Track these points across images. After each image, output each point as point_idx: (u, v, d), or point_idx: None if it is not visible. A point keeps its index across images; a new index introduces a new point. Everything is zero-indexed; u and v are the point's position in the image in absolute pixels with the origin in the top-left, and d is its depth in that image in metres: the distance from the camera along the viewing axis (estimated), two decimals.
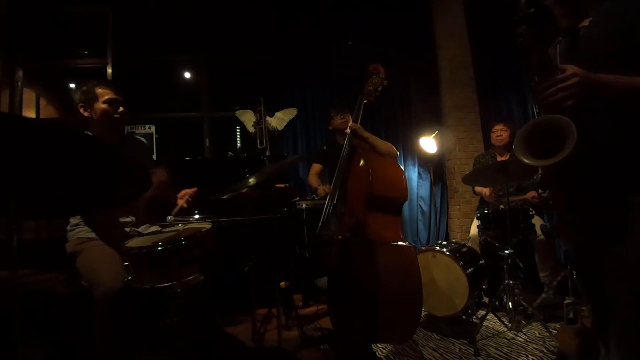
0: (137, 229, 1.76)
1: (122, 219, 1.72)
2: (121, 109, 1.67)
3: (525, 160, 1.00)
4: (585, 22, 1.06)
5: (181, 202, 1.73)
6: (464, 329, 2.22)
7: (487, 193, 2.75)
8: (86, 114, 1.64)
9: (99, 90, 1.63)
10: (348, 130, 2.07)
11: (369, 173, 1.84)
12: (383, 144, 2.13)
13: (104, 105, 1.63)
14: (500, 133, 2.80)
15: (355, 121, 2.05)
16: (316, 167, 2.76)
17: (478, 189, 2.88)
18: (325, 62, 3.92)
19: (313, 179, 2.72)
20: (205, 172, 3.09)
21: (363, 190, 1.85)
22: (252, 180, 1.67)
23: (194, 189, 1.80)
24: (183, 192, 1.80)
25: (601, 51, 0.99)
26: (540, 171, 1.42)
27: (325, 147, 2.80)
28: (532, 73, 1.01)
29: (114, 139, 1.73)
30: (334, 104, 2.70)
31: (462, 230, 3.54)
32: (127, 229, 1.70)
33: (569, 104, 0.92)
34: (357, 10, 3.93)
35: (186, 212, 1.85)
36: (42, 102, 4.85)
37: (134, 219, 1.76)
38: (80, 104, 1.64)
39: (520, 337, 2.07)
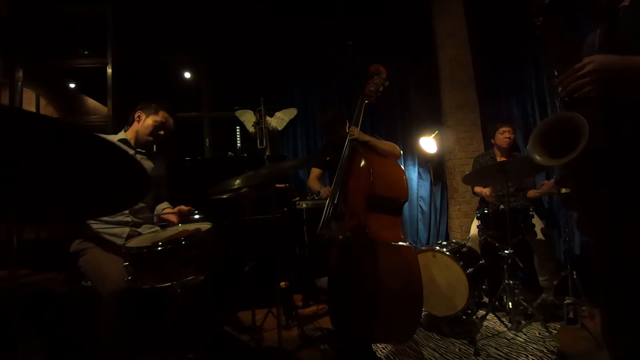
0: (137, 229, 1.76)
1: (121, 218, 1.73)
2: (162, 133, 1.84)
3: (538, 159, 0.97)
4: (626, 2, 0.97)
5: (172, 218, 1.77)
6: (464, 329, 2.22)
7: (487, 192, 2.76)
8: (136, 120, 1.82)
9: (162, 112, 1.83)
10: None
11: (369, 173, 1.84)
12: (385, 145, 2.11)
13: (154, 123, 1.81)
14: (508, 135, 2.80)
15: (356, 122, 2.05)
16: (316, 172, 2.72)
17: (478, 189, 2.89)
18: (325, 62, 3.92)
19: (314, 183, 2.68)
20: (205, 172, 3.09)
21: (364, 191, 1.85)
22: (238, 182, 1.68)
23: (189, 208, 1.84)
24: (178, 208, 1.83)
25: (637, 36, 0.91)
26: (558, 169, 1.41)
27: (324, 150, 2.78)
28: (551, 66, 0.97)
29: (143, 146, 1.85)
30: (323, 122, 2.36)
31: (462, 230, 3.54)
32: (127, 229, 1.71)
33: (585, 92, 0.87)
34: (357, 10, 3.93)
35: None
36: (42, 102, 4.85)
37: (133, 218, 1.76)
38: (139, 111, 1.82)
39: (520, 337, 2.06)
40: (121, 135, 1.84)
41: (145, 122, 1.81)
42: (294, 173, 3.76)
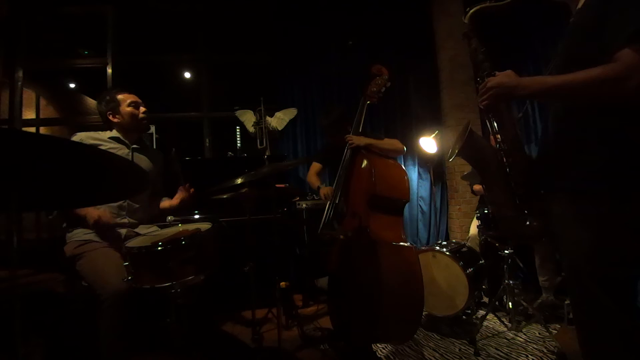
0: (135, 230, 1.76)
1: (119, 220, 1.73)
2: (143, 109, 1.82)
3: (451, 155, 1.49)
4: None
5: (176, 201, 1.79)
6: (464, 329, 2.22)
7: None
8: (115, 120, 1.78)
9: (120, 97, 1.78)
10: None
11: (371, 173, 1.84)
12: (386, 144, 2.07)
13: (129, 108, 1.78)
14: None
15: (357, 122, 2.04)
16: (316, 167, 2.63)
17: (477, 187, 2.88)
18: (325, 62, 3.92)
19: (313, 179, 2.57)
20: (205, 172, 3.09)
21: (365, 191, 1.85)
22: (239, 180, 1.69)
23: (191, 190, 1.84)
24: (179, 194, 1.84)
25: (561, 52, 1.12)
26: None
27: (326, 148, 2.76)
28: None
29: (137, 138, 1.86)
30: (325, 123, 2.31)
31: (462, 230, 3.54)
32: (124, 231, 1.70)
33: (483, 104, 1.18)
34: (357, 10, 3.93)
35: (185, 212, 1.86)
36: (42, 102, 4.85)
37: (131, 220, 1.76)
38: (108, 112, 1.78)
39: (520, 337, 2.06)
40: (114, 132, 1.80)
41: (123, 113, 1.76)
42: (294, 173, 3.76)
